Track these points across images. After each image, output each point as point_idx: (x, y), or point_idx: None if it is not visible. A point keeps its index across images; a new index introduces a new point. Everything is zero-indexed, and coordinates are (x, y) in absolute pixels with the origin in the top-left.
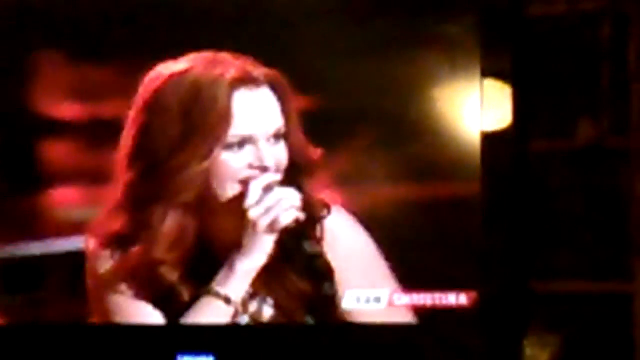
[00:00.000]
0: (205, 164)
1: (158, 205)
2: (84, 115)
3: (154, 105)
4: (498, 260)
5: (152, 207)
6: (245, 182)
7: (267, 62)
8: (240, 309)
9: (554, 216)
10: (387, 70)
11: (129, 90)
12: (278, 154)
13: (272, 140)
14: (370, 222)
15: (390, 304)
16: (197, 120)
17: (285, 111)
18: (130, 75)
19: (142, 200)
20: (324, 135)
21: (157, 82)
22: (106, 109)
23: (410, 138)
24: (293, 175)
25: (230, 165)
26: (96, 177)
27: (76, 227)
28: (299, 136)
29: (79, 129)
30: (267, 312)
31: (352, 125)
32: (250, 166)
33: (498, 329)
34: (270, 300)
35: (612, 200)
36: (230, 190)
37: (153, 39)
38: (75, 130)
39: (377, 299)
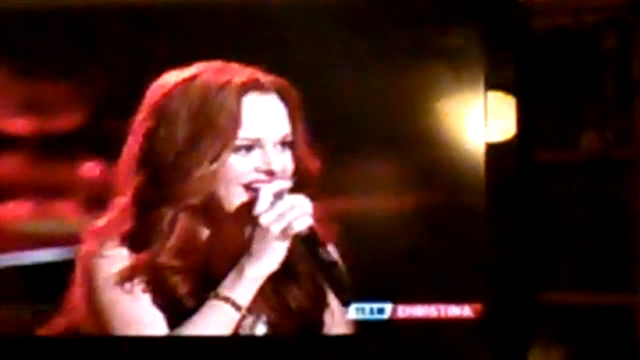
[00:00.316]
0: (215, 166)
1: (166, 209)
2: (33, 129)
3: (162, 109)
4: (503, 272)
5: (161, 210)
6: (251, 187)
7: (273, 72)
8: (246, 314)
9: (559, 228)
10: (391, 82)
11: (81, 104)
12: (285, 161)
13: (279, 146)
14: (374, 232)
15: (394, 315)
16: (206, 123)
17: (292, 120)
18: (83, 89)
19: (151, 203)
20: (327, 145)
21: (165, 88)
22: (56, 124)
23: (414, 149)
24: (299, 185)
25: (237, 169)
26: (46, 191)
27: (27, 242)
28: (303, 146)
29: (29, 144)
30: (260, 330)
31: (357, 135)
32: (257, 170)
33: (503, 340)
34: (264, 318)
35: (617, 212)
36: (236, 194)
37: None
38: (25, 145)
39: (381, 311)
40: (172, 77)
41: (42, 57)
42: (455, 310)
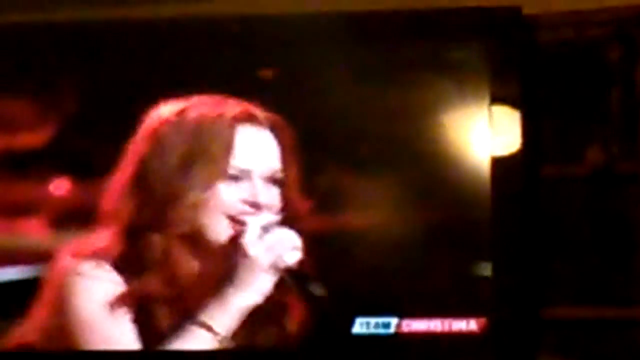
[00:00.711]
0: (207, 193)
1: (158, 235)
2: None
3: (158, 137)
4: (508, 286)
5: (152, 236)
6: (236, 218)
7: (275, 82)
8: (225, 343)
9: (563, 241)
10: (396, 96)
11: (49, 122)
12: (272, 196)
13: (267, 181)
14: (381, 247)
15: (400, 330)
16: (200, 151)
17: (284, 158)
18: (52, 107)
19: (142, 229)
20: (333, 160)
21: (162, 117)
22: (23, 141)
23: (420, 163)
24: (287, 222)
25: (223, 199)
26: (12, 209)
27: None
28: (294, 186)
29: None
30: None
31: (363, 150)
32: (243, 202)
33: (508, 355)
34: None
35: (621, 226)
36: (220, 224)
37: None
38: None
39: (387, 325)
40: (169, 107)
41: (10, 74)
42: (460, 325)
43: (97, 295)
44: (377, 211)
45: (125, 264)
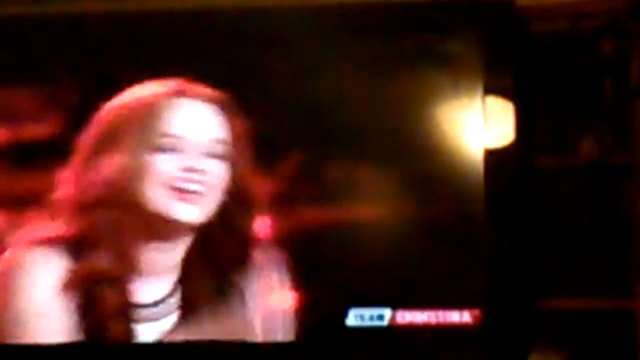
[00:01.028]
0: (140, 162)
1: (103, 213)
2: (6, 138)
3: (103, 123)
4: (502, 278)
5: (98, 215)
6: (175, 186)
7: (265, 74)
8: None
9: (558, 233)
10: (389, 88)
11: (50, 114)
12: (215, 167)
13: (207, 151)
14: (375, 238)
15: (394, 321)
16: (133, 124)
17: (232, 135)
18: (52, 100)
19: (90, 206)
20: (324, 152)
21: (114, 105)
22: (30, 133)
23: (413, 156)
24: (241, 203)
25: (162, 168)
26: (20, 200)
27: None
28: (245, 164)
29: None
30: None
31: (356, 143)
32: (184, 169)
33: (502, 347)
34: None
35: (616, 217)
36: (161, 194)
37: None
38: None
39: (381, 317)
40: (122, 96)
41: (14, 66)
42: (454, 317)
43: (41, 284)
44: (371, 203)
45: (75, 246)
